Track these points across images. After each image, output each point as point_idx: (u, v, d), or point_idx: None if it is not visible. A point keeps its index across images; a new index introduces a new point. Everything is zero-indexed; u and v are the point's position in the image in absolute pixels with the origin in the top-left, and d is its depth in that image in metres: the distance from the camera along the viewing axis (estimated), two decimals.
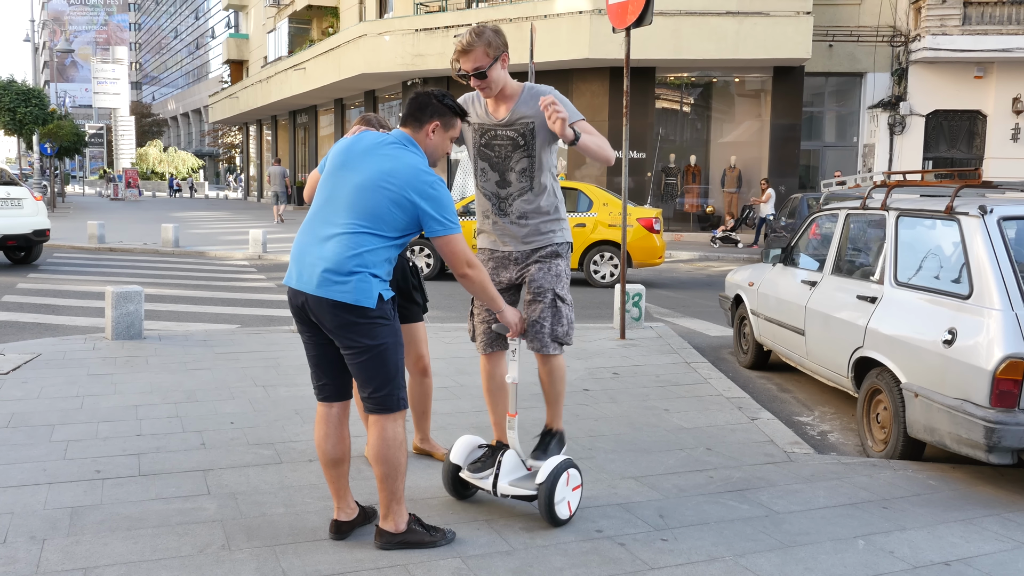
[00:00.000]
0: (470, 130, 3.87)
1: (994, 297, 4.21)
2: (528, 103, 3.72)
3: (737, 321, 7.74)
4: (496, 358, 3.93)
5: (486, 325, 3.90)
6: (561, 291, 3.78)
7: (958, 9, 21.19)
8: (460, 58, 3.65)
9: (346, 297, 3.11)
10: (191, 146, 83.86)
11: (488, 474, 3.70)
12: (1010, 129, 22.30)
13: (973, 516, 3.92)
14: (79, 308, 9.67)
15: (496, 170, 3.81)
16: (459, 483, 3.85)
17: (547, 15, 21.61)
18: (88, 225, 18.06)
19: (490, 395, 3.98)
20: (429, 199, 3.18)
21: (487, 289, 3.39)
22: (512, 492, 3.65)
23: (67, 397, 5.39)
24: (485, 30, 3.66)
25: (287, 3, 38.04)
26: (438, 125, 3.36)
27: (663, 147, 23.12)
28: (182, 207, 37.84)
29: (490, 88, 3.68)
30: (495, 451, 3.80)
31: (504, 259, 3.88)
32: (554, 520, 3.59)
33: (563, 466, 3.60)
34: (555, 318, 3.75)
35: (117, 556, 3.22)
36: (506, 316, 3.54)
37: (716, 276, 15.18)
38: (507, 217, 3.81)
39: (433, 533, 3.38)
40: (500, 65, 3.66)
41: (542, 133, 3.72)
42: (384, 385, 3.22)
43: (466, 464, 3.81)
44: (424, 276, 13.24)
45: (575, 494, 3.68)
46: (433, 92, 3.40)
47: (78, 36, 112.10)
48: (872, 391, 5.05)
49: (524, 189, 3.77)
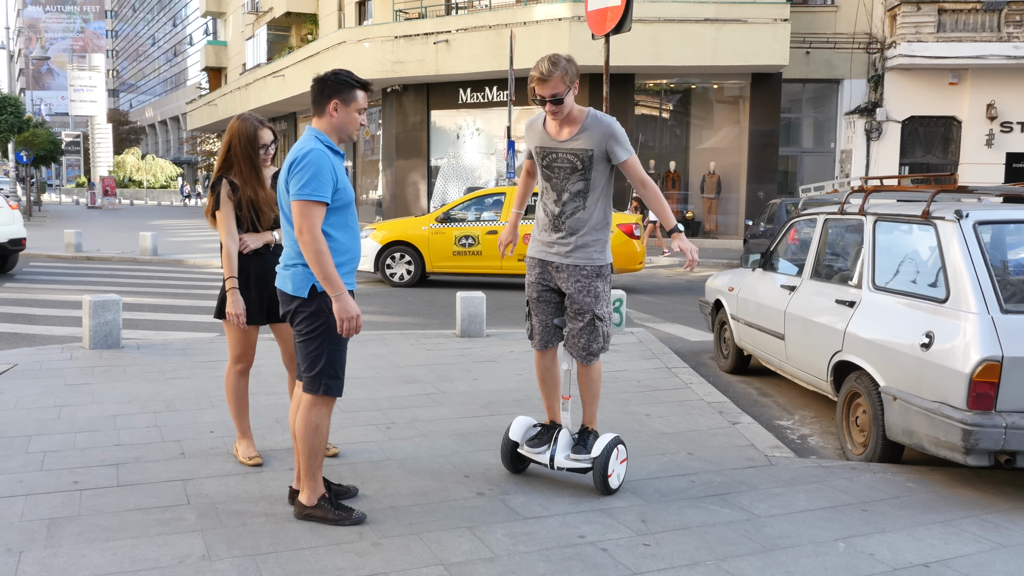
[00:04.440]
0: (535, 153, 4.14)
1: (970, 300, 4.26)
2: (592, 135, 3.98)
3: (717, 326, 7.78)
4: (550, 354, 4.30)
5: (543, 325, 4.22)
6: (600, 310, 4.09)
7: (933, 17, 21.45)
8: (538, 86, 3.91)
9: (286, 287, 3.60)
10: (169, 154, 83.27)
11: (544, 450, 4.19)
12: (984, 135, 22.58)
13: (951, 518, 3.96)
14: (56, 317, 9.57)
15: (555, 190, 4.09)
16: (516, 458, 4.32)
17: (527, 22, 21.69)
18: (65, 234, 17.90)
19: (544, 384, 4.35)
20: (295, 173, 3.44)
21: (319, 259, 3.39)
22: (568, 465, 4.13)
23: (44, 407, 5.33)
24: (560, 59, 3.91)
25: (266, 10, 37.90)
26: (337, 102, 3.56)
27: (643, 153, 23.21)
28: (160, 215, 37.56)
29: (561, 112, 3.96)
30: (550, 430, 4.28)
31: (547, 266, 4.15)
32: (607, 489, 4.05)
33: (615, 442, 4.10)
34: (592, 336, 4.10)
35: (95, 567, 3.18)
36: (343, 300, 3.43)
37: (696, 281, 15.24)
38: (558, 233, 4.09)
39: (339, 512, 3.62)
40: (572, 92, 3.95)
41: (600, 164, 4.02)
42: (311, 368, 3.57)
43: (524, 440, 4.26)
44: (404, 283, 13.23)
45: (623, 467, 4.16)
46: (326, 73, 3.60)
47: (54, 43, 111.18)
48: (851, 395, 5.09)
49: (577, 208, 4.05)
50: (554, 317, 4.20)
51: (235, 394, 4.45)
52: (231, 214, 4.25)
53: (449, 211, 13.35)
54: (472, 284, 13.59)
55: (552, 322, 4.21)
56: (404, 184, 26.30)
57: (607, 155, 4.01)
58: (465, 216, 13.28)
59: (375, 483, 4.16)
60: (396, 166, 26.43)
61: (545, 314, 4.21)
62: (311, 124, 3.64)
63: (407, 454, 4.63)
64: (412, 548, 3.43)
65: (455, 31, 23.14)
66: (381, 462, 4.48)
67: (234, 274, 4.22)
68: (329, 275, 3.42)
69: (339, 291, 3.43)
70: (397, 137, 26.27)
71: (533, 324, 4.27)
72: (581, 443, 4.17)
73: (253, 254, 4.31)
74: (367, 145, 30.23)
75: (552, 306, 4.20)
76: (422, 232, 13.21)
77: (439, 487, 4.12)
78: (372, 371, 6.63)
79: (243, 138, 4.26)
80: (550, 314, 4.21)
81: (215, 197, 4.27)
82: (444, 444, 4.82)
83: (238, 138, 4.27)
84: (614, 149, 3.99)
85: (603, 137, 3.97)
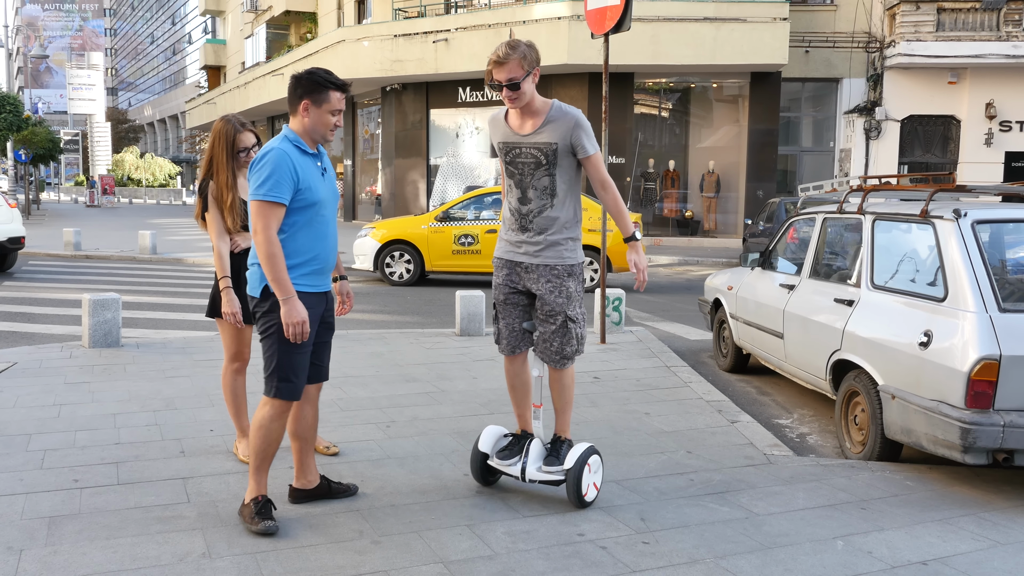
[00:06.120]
0: (499, 149, 3.96)
1: (968, 299, 4.27)
2: (556, 128, 3.78)
3: (716, 325, 7.79)
4: (520, 359, 4.08)
5: (511, 329, 4.01)
6: (572, 312, 3.88)
7: (932, 16, 21.45)
8: (495, 69, 3.72)
9: (249, 287, 3.62)
10: (168, 152, 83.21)
11: (516, 461, 3.97)
12: (983, 134, 22.59)
13: (950, 516, 3.97)
14: (55, 316, 9.58)
15: (519, 187, 3.89)
16: (486, 470, 4.08)
17: (526, 21, 21.67)
18: (64, 232, 17.89)
19: (514, 391, 4.12)
20: (253, 173, 3.43)
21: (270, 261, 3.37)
22: (540, 477, 3.92)
23: (44, 406, 5.34)
24: (520, 44, 3.73)
25: (265, 8, 37.87)
26: (308, 103, 3.49)
27: (642, 152, 23.24)
28: (159, 213, 37.55)
29: (520, 99, 3.75)
30: (521, 440, 4.06)
31: (516, 267, 3.95)
32: (581, 502, 3.86)
33: (588, 452, 3.89)
34: (564, 339, 3.89)
35: (96, 565, 3.19)
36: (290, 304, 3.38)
37: (695, 280, 15.26)
38: (526, 232, 3.88)
39: (257, 520, 3.52)
40: (532, 79, 3.74)
41: (565, 158, 3.81)
42: (266, 367, 3.55)
43: (494, 452, 4.05)
44: (403, 282, 13.24)
45: (598, 476, 3.95)
46: (299, 73, 3.52)
47: (53, 41, 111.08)
48: (850, 393, 5.10)
49: (545, 206, 3.85)
50: (523, 320, 4.01)
51: (233, 393, 4.46)
52: (220, 215, 4.26)
53: (448, 210, 13.36)
54: (471, 283, 13.60)
55: (521, 326, 4.00)
56: (403, 183, 26.30)
57: (572, 148, 3.79)
58: (464, 215, 13.29)
59: (375, 481, 4.17)
60: (395, 165, 26.43)
61: (513, 317, 4.00)
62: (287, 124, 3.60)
63: (407, 452, 4.64)
64: (412, 546, 3.44)
65: (454, 30, 23.13)
66: (381, 460, 4.49)
67: (227, 274, 4.23)
68: (279, 277, 3.36)
69: (287, 295, 3.37)
70: (396, 136, 26.27)
71: (500, 328, 4.05)
72: (554, 453, 3.97)
73: (244, 253, 4.32)
74: (366, 144, 30.23)
75: (520, 309, 4.00)
76: (421, 231, 13.22)
77: (439, 485, 4.13)
78: (372, 370, 6.64)
79: (223, 140, 4.28)
80: (518, 317, 4.00)
81: (203, 200, 4.29)
82: (444, 442, 4.83)
83: (219, 140, 4.29)
84: (581, 140, 3.77)
85: (568, 129, 3.76)
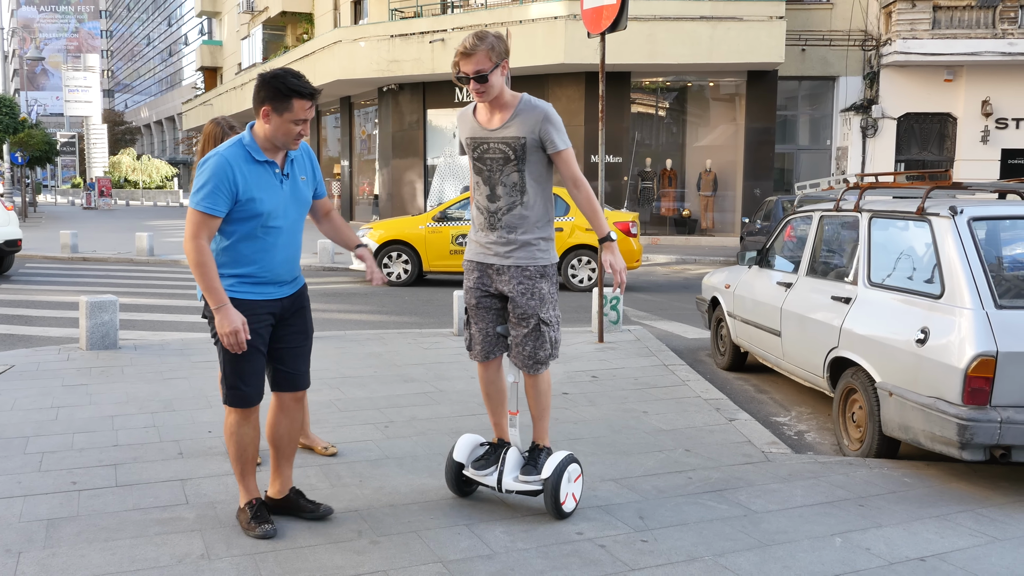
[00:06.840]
0: (467, 145, 3.80)
1: (965, 296, 4.28)
2: (524, 121, 3.63)
3: (714, 323, 7.80)
4: (494, 365, 3.92)
5: (484, 334, 3.86)
6: (545, 314, 3.73)
7: (928, 13, 21.48)
8: (461, 61, 3.57)
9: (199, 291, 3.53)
10: (165, 154, 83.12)
11: (492, 471, 3.83)
12: (979, 131, 22.62)
13: (947, 512, 3.97)
14: (52, 318, 9.57)
15: (488, 184, 3.72)
16: (462, 481, 3.94)
17: (522, 20, 21.67)
18: (61, 235, 17.87)
19: (489, 399, 3.97)
20: (196, 178, 3.32)
21: (199, 269, 3.27)
22: (517, 488, 3.78)
23: (41, 408, 5.33)
24: (488, 35, 3.58)
25: (261, 10, 37.84)
26: (268, 109, 3.28)
27: (639, 151, 23.24)
28: (156, 215, 37.51)
29: (488, 92, 3.60)
30: (497, 448, 3.91)
31: (487, 269, 3.79)
32: (559, 513, 3.72)
33: (566, 461, 3.74)
34: (538, 342, 3.73)
35: (94, 568, 3.19)
36: (222, 312, 3.29)
37: (693, 279, 15.27)
38: (495, 232, 3.72)
39: (253, 524, 3.50)
40: (500, 71, 3.59)
41: (534, 153, 3.66)
42: (221, 373, 3.49)
43: (469, 462, 3.90)
44: (401, 282, 13.24)
45: (577, 485, 3.82)
46: (266, 74, 3.29)
47: (48, 43, 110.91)
48: (847, 391, 5.11)
49: (514, 204, 3.69)
50: (496, 324, 3.84)
51: None
52: None
53: (446, 210, 13.36)
54: None
55: (495, 330, 3.84)
56: (400, 183, 26.29)
57: (542, 143, 3.64)
58: (462, 215, 13.28)
59: (374, 481, 4.17)
60: (392, 165, 26.42)
61: (486, 322, 3.83)
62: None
63: (405, 453, 4.64)
64: (411, 546, 3.44)
65: (451, 30, 23.12)
66: (379, 461, 4.49)
67: None
68: (210, 286, 3.26)
69: (219, 303, 3.27)
70: (393, 136, 26.26)
71: (473, 333, 3.89)
72: (531, 463, 3.81)
73: None
74: (363, 144, 30.22)
75: (493, 313, 3.83)
76: (419, 231, 13.22)
77: (438, 485, 4.12)
78: (370, 370, 6.64)
79: (213, 142, 4.29)
80: (491, 321, 3.83)
81: None
82: (442, 442, 4.83)
83: (209, 142, 4.30)
84: (550, 134, 3.62)
85: (536, 122, 3.60)
